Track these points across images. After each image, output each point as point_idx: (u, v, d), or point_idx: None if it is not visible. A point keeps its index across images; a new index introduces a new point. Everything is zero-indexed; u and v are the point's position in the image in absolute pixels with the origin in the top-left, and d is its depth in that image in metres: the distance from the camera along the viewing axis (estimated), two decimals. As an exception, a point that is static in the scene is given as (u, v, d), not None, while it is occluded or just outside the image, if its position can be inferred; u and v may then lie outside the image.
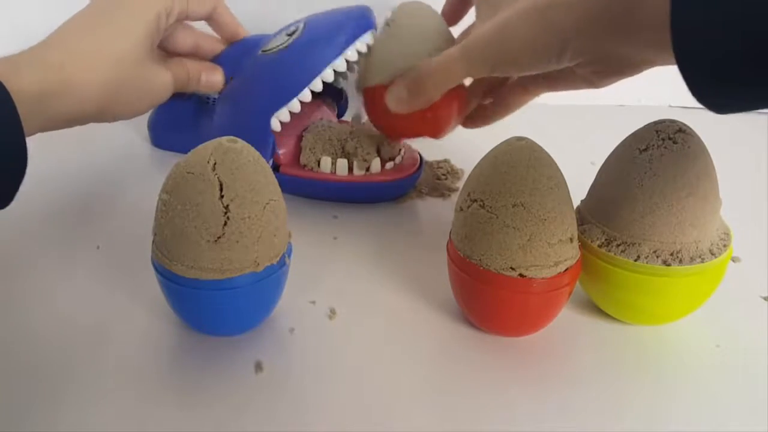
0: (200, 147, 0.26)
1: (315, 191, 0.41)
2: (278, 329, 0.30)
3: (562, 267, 0.28)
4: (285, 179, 0.40)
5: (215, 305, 0.27)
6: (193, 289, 0.26)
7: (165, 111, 0.43)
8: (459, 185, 0.45)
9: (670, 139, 0.28)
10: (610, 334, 0.31)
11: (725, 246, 0.29)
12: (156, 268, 0.28)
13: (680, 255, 0.28)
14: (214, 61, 0.44)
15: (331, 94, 0.48)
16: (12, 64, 0.30)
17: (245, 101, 0.41)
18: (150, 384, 0.27)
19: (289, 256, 0.29)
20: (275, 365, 0.28)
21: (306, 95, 0.39)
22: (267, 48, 0.41)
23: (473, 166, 0.29)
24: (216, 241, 0.26)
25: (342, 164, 0.40)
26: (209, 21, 0.43)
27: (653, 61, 0.27)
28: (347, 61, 0.39)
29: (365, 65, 0.39)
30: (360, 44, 0.39)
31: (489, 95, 0.40)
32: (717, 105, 0.21)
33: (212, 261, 0.26)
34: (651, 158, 0.28)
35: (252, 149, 0.27)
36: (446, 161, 0.47)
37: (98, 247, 0.36)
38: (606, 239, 0.29)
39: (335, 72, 0.39)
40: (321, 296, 0.33)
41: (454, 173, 0.46)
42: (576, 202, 0.30)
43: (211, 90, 0.43)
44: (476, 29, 0.32)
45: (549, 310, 0.29)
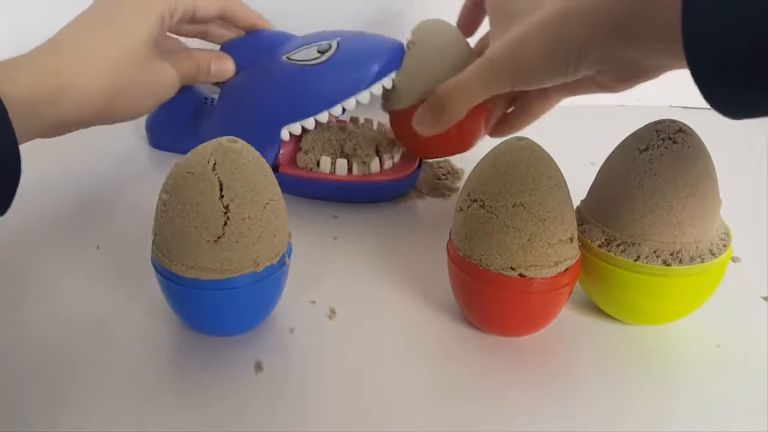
0: (200, 147, 0.26)
1: (315, 191, 0.41)
2: (278, 329, 0.30)
3: (562, 267, 0.28)
4: (285, 179, 0.40)
5: (215, 305, 0.27)
6: (193, 289, 0.26)
7: (163, 111, 0.43)
8: (459, 185, 0.45)
9: (670, 139, 0.28)
10: (610, 334, 0.31)
11: (725, 246, 0.29)
12: (156, 268, 0.28)
13: (680, 255, 0.28)
14: (227, 48, 0.43)
15: None
16: (6, 70, 0.30)
17: (257, 104, 0.41)
18: (150, 384, 0.27)
19: (289, 256, 0.29)
20: (275, 365, 0.28)
21: (323, 117, 0.39)
22: (294, 57, 0.40)
23: (473, 166, 0.29)
24: (216, 241, 0.26)
25: (341, 164, 0.40)
26: (223, 19, 0.42)
27: (669, 67, 0.27)
28: (371, 94, 0.39)
29: (391, 91, 0.39)
30: (387, 81, 0.39)
31: (511, 104, 0.40)
32: (730, 111, 0.21)
33: (212, 261, 0.26)
34: (651, 158, 0.28)
35: (252, 149, 0.27)
36: (446, 161, 0.47)
37: (98, 247, 0.36)
38: (606, 239, 0.29)
39: (357, 102, 0.39)
40: (321, 296, 0.33)
41: (454, 173, 0.46)
42: (576, 202, 0.30)
43: (221, 79, 0.42)
44: (491, 44, 0.32)
45: (549, 310, 0.29)
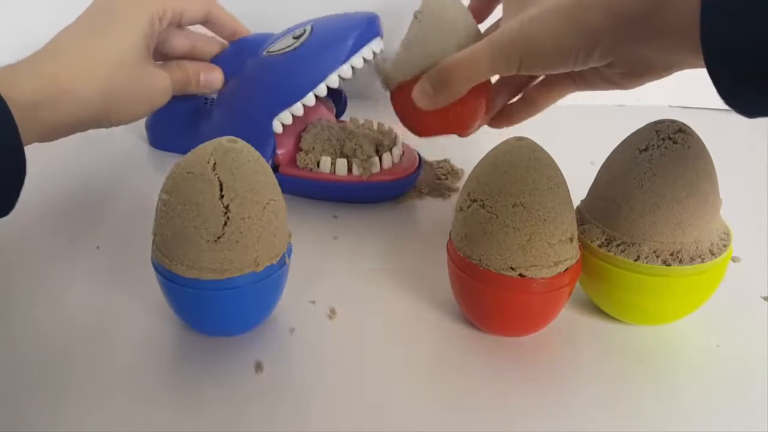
0: (200, 147, 0.26)
1: (314, 191, 0.41)
2: (278, 329, 0.30)
3: (562, 267, 0.28)
4: (284, 179, 0.40)
5: (215, 305, 0.27)
6: (193, 289, 0.26)
7: (163, 112, 0.43)
8: (459, 185, 0.45)
9: (670, 139, 0.28)
10: (610, 334, 0.31)
11: (725, 246, 0.29)
12: (156, 268, 0.28)
13: (680, 255, 0.28)
14: (216, 61, 0.44)
15: (330, 95, 0.48)
16: (7, 75, 0.31)
17: (247, 101, 0.41)
18: (150, 384, 0.27)
19: (289, 256, 0.29)
20: (275, 365, 0.28)
21: (310, 99, 0.39)
22: (272, 49, 0.41)
23: (473, 166, 0.29)
24: (216, 241, 0.26)
25: (341, 164, 0.40)
26: (206, 24, 0.43)
27: (681, 64, 0.26)
28: (353, 68, 0.39)
29: (393, 60, 0.38)
30: (366, 51, 0.39)
31: (515, 95, 0.40)
32: (746, 109, 0.21)
33: (212, 261, 0.26)
34: (651, 158, 0.28)
35: (252, 149, 0.27)
36: (446, 161, 0.47)
37: (98, 247, 0.36)
38: (606, 239, 0.29)
39: (340, 77, 0.39)
40: (321, 296, 0.33)
41: (454, 173, 0.46)
42: (576, 202, 0.30)
43: (211, 90, 0.43)
44: (502, 24, 0.32)
45: (549, 310, 0.29)
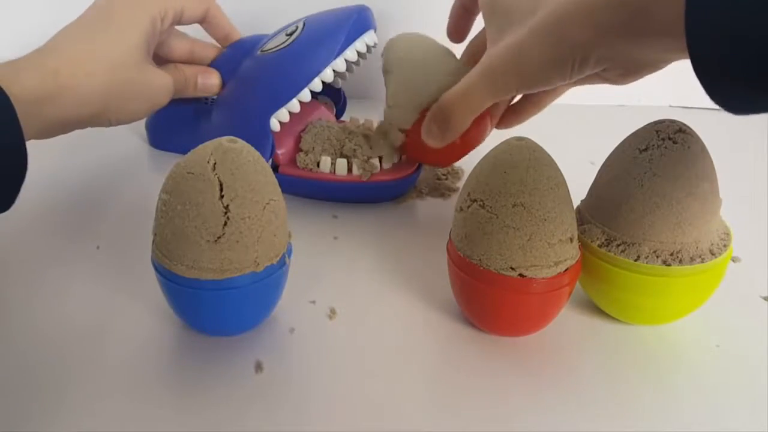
0: (200, 147, 0.26)
1: (314, 191, 0.41)
2: (278, 329, 0.30)
3: (562, 267, 0.28)
4: (284, 179, 0.40)
5: (215, 305, 0.27)
6: (193, 289, 0.26)
7: (163, 112, 0.43)
8: (459, 185, 0.45)
9: (670, 139, 0.28)
10: (610, 334, 0.31)
11: (725, 246, 0.29)
12: (156, 268, 0.28)
13: (680, 255, 0.28)
14: (213, 64, 0.44)
15: (330, 95, 0.48)
16: (9, 70, 0.31)
17: (244, 101, 0.41)
18: (150, 384, 0.27)
19: (289, 256, 0.29)
20: (275, 365, 0.28)
21: (305, 95, 0.39)
22: (266, 48, 0.41)
23: (473, 166, 0.29)
24: (216, 241, 0.26)
25: (341, 164, 0.40)
26: (203, 23, 0.43)
27: (673, 60, 0.27)
28: (347, 61, 0.39)
29: (386, 111, 0.40)
30: (359, 44, 0.39)
31: (515, 96, 0.40)
32: (733, 106, 0.21)
33: (212, 261, 0.26)
34: (651, 158, 0.28)
35: (252, 149, 0.27)
36: (446, 161, 0.47)
37: (98, 247, 0.36)
38: (606, 239, 0.29)
39: (334, 72, 0.39)
40: (321, 296, 0.33)
41: (454, 173, 0.46)
42: (576, 202, 0.30)
43: (208, 93, 0.44)
44: (489, 47, 0.32)
45: (549, 310, 0.29)
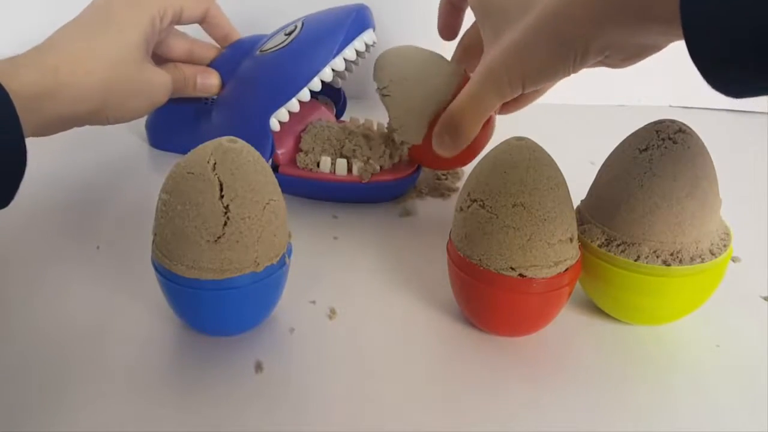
0: (200, 147, 0.26)
1: (314, 191, 0.41)
2: (278, 329, 0.30)
3: (562, 267, 0.28)
4: (284, 179, 0.40)
5: (215, 305, 0.27)
6: (193, 289, 0.26)
7: (163, 112, 0.43)
8: (459, 185, 0.45)
9: (670, 139, 0.28)
10: (610, 334, 0.31)
11: (725, 246, 0.29)
12: (156, 268, 0.28)
13: (680, 255, 0.28)
14: (213, 64, 0.44)
15: (330, 95, 0.48)
16: (8, 66, 0.31)
17: (244, 101, 0.41)
18: (150, 384, 0.27)
19: (289, 256, 0.29)
20: (275, 365, 0.28)
21: (305, 95, 0.39)
22: (265, 48, 0.41)
23: (473, 166, 0.29)
24: (216, 241, 0.26)
25: (341, 164, 0.40)
26: (202, 23, 0.43)
27: (673, 40, 0.27)
28: (346, 61, 0.39)
29: (390, 127, 0.40)
30: (358, 43, 0.39)
31: None
32: (730, 90, 0.21)
33: (212, 261, 0.26)
34: (651, 158, 0.28)
35: (252, 149, 0.27)
36: (446, 161, 0.47)
37: (98, 247, 0.36)
38: (606, 239, 0.29)
39: (333, 71, 0.39)
40: (321, 296, 0.33)
41: (454, 173, 0.46)
42: (576, 202, 0.30)
43: (207, 93, 0.44)
44: (486, 47, 0.33)
45: (549, 310, 0.29)
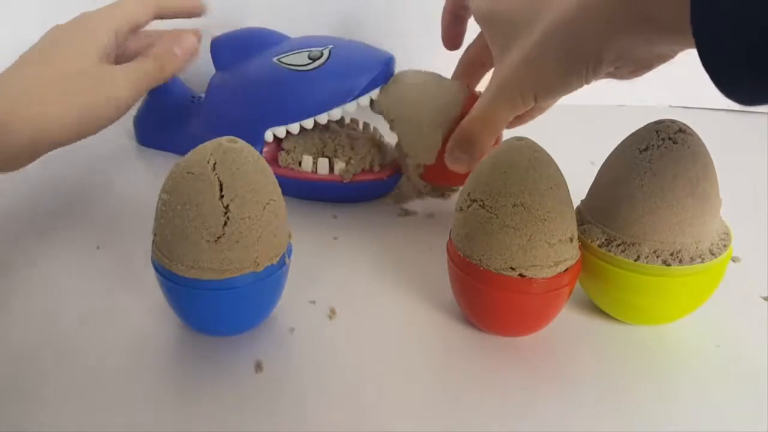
0: (200, 147, 0.26)
1: (296, 190, 0.40)
2: (278, 329, 0.30)
3: (562, 267, 0.28)
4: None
5: (215, 305, 0.27)
6: (193, 289, 0.26)
7: (149, 110, 0.42)
8: (459, 185, 0.45)
9: (670, 139, 0.28)
10: (610, 334, 0.31)
11: (725, 246, 0.29)
12: (156, 268, 0.28)
13: (680, 255, 0.28)
14: (219, 44, 0.41)
15: None
16: None
17: (245, 104, 0.41)
18: (150, 384, 0.27)
19: (289, 256, 0.29)
20: (275, 365, 0.28)
21: (309, 123, 0.39)
22: (284, 60, 0.40)
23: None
24: (216, 241, 0.26)
25: (323, 164, 0.40)
26: (160, 17, 0.40)
27: (683, 49, 0.27)
28: (358, 105, 0.39)
29: (400, 153, 0.40)
30: (375, 94, 0.39)
31: None
32: (742, 98, 0.21)
33: (212, 261, 0.26)
34: (651, 158, 0.28)
35: (252, 149, 0.27)
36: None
37: (98, 247, 0.36)
38: (606, 239, 0.29)
39: (343, 110, 0.39)
40: (321, 296, 0.33)
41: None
42: (576, 202, 0.30)
43: (194, 56, 0.39)
44: (496, 60, 0.33)
45: (549, 310, 0.29)
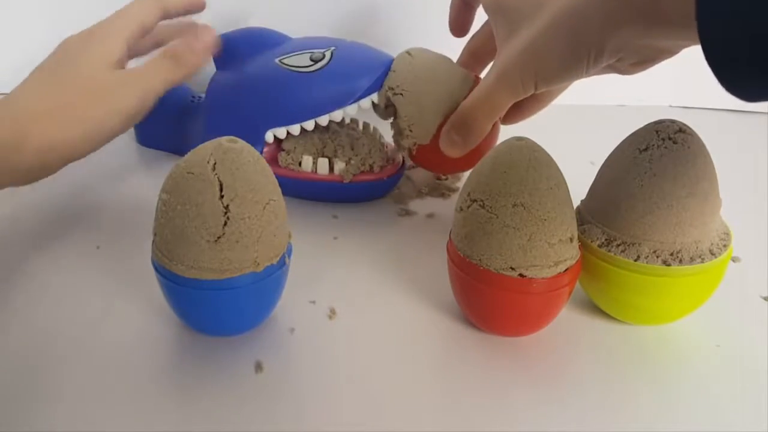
0: (200, 147, 0.26)
1: (296, 190, 0.40)
2: (278, 329, 0.30)
3: (562, 267, 0.28)
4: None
5: (215, 305, 0.27)
6: (193, 289, 0.26)
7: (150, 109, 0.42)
8: (459, 185, 0.45)
9: (670, 139, 0.28)
10: (610, 334, 0.31)
11: (725, 246, 0.29)
12: (156, 268, 0.28)
13: (680, 255, 0.28)
14: (221, 41, 0.41)
15: None
16: None
17: (246, 103, 0.41)
18: (150, 384, 0.27)
19: (289, 256, 0.29)
20: (275, 365, 0.28)
21: (309, 125, 0.39)
22: (285, 61, 0.40)
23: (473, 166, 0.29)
24: (216, 241, 0.26)
25: (323, 164, 0.40)
26: (168, 17, 0.39)
27: (687, 45, 0.27)
28: (359, 107, 0.39)
29: (397, 129, 0.40)
30: (375, 97, 0.39)
31: None
32: (745, 94, 0.21)
33: (212, 261, 0.26)
34: (651, 158, 0.28)
35: (252, 149, 0.27)
36: (446, 161, 0.47)
37: (98, 247, 0.36)
38: (606, 239, 0.29)
39: (344, 112, 0.39)
40: (321, 296, 0.33)
41: (455, 173, 0.46)
42: (576, 202, 0.30)
43: (214, 53, 0.39)
44: (499, 47, 0.32)
45: (549, 310, 0.29)
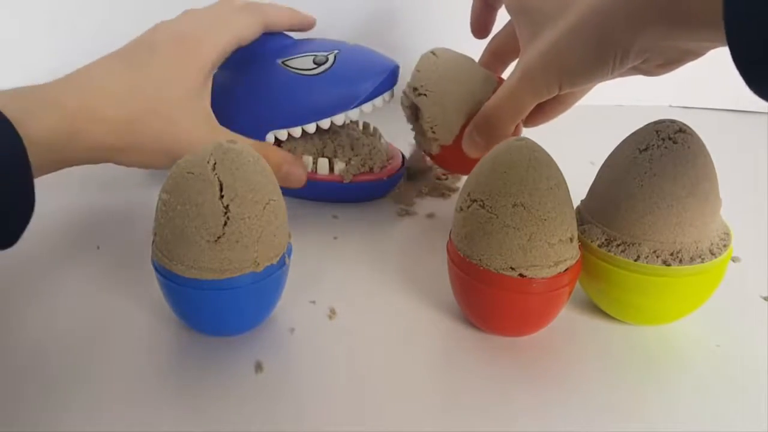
0: (200, 147, 0.27)
1: (301, 190, 0.40)
2: (278, 329, 0.30)
3: (562, 267, 0.28)
4: None
5: (215, 305, 0.27)
6: (193, 289, 0.27)
7: None
8: (459, 185, 0.45)
9: (670, 139, 0.28)
10: (610, 334, 0.31)
11: (725, 246, 0.29)
12: (156, 269, 0.28)
13: (680, 255, 0.28)
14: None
15: None
16: (25, 106, 0.29)
17: (247, 104, 0.41)
18: (150, 384, 0.27)
19: (289, 256, 0.29)
20: (275, 365, 0.28)
21: (311, 128, 0.39)
22: (288, 63, 0.40)
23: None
24: (216, 241, 0.26)
25: (323, 164, 0.40)
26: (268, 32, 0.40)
27: (714, 46, 0.27)
28: (361, 111, 0.39)
29: (419, 130, 0.40)
30: (378, 101, 0.39)
31: None
32: None
33: (212, 261, 0.26)
34: (651, 158, 0.28)
35: (252, 149, 0.27)
36: (446, 161, 0.47)
37: (98, 248, 0.36)
38: (606, 239, 0.29)
39: (346, 116, 0.39)
40: (321, 296, 0.33)
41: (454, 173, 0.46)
42: (576, 202, 0.30)
43: (292, 186, 0.39)
44: (523, 48, 0.32)
45: (549, 310, 0.29)
